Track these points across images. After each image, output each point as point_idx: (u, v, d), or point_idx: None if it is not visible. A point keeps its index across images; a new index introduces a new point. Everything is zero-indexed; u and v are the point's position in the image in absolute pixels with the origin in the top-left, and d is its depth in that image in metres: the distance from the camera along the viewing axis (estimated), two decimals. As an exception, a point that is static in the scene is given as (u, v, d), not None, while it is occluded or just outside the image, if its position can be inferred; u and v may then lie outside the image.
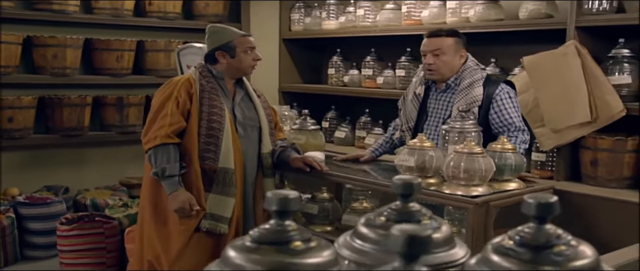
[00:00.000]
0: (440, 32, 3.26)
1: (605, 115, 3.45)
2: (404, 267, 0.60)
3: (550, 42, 3.77)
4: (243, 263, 0.72)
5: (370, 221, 0.90)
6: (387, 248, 0.83)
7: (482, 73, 3.17)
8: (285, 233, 0.76)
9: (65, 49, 4.71)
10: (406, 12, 4.80)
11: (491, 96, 3.06)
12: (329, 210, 3.20)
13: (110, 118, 5.05)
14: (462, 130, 2.69)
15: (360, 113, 5.18)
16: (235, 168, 3.03)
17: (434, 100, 3.23)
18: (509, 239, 0.77)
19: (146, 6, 5.19)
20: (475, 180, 2.46)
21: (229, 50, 3.13)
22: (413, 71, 4.80)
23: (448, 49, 3.12)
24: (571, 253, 0.75)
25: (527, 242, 0.75)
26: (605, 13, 3.56)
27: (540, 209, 0.76)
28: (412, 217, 0.88)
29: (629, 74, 3.48)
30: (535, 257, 0.73)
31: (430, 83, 3.28)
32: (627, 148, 3.40)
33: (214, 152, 3.00)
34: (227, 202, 3.01)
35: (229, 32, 3.22)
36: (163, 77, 5.25)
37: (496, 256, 0.75)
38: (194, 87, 3.06)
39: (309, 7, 5.67)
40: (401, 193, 0.89)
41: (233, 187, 3.02)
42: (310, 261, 0.73)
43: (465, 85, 3.10)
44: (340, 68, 5.43)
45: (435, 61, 3.14)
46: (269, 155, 3.19)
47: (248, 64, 3.17)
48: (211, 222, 3.00)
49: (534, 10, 3.96)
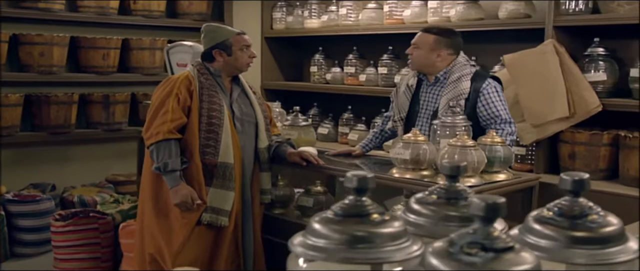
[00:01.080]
0: (430, 29, 3.40)
1: (582, 111, 3.64)
2: (483, 228, 0.72)
3: (529, 41, 3.94)
4: (329, 233, 0.84)
5: (422, 199, 1.02)
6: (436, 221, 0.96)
7: (471, 69, 3.32)
8: (364, 208, 0.87)
9: (52, 47, 4.74)
10: (388, 12, 4.93)
11: (478, 90, 3.21)
12: (323, 202, 3.32)
13: (96, 115, 5.08)
14: (454, 125, 2.83)
15: (343, 110, 5.30)
16: (235, 162, 3.12)
17: (425, 92, 3.37)
18: (547, 211, 0.90)
19: (131, 5, 5.24)
20: (468, 172, 2.60)
21: (226, 48, 3.22)
22: (395, 69, 4.96)
23: (424, 45, 3.27)
24: (602, 221, 0.88)
25: (565, 213, 0.88)
26: (581, 13, 3.75)
27: (575, 185, 0.89)
28: (460, 195, 1.01)
29: (604, 72, 3.67)
30: (573, 225, 0.87)
31: (422, 76, 3.41)
32: (602, 142, 3.59)
33: (213, 147, 3.09)
34: (227, 196, 3.10)
35: (225, 31, 3.31)
36: (148, 74, 5.32)
37: (537, 225, 0.88)
38: (194, 84, 3.14)
39: (290, 6, 5.77)
40: (449, 175, 1.02)
41: (233, 181, 3.11)
42: (387, 230, 0.85)
43: (453, 79, 3.24)
44: (322, 66, 5.54)
45: (412, 52, 3.31)
46: (265, 149, 3.29)
47: (244, 61, 3.26)
48: (212, 215, 3.08)
49: (513, 11, 4.13)
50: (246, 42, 3.28)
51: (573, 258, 0.84)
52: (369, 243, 0.83)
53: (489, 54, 4.40)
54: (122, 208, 4.00)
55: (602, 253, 0.85)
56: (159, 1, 5.34)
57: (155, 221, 3.12)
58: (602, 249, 0.85)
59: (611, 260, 0.85)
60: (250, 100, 3.34)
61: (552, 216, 0.88)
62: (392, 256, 0.83)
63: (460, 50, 3.38)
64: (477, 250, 0.71)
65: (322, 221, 0.86)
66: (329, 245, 0.83)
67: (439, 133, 2.87)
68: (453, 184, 1.02)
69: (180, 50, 4.25)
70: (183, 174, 3.05)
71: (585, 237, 0.86)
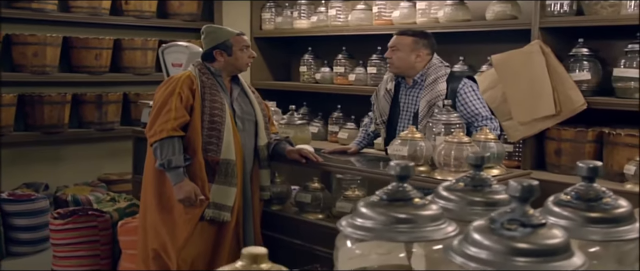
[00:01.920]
0: (407, 32, 3.51)
1: (568, 109, 3.78)
2: (520, 207, 0.83)
3: (515, 41, 4.08)
4: (376, 215, 0.93)
5: (450, 187, 1.13)
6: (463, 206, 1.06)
7: (446, 70, 3.44)
8: (406, 192, 0.98)
9: (45, 47, 4.78)
10: (377, 13, 5.04)
11: (456, 90, 3.33)
12: (321, 199, 3.42)
13: (89, 115, 5.13)
14: (448, 123, 2.95)
15: (332, 109, 5.39)
16: (236, 159, 3.21)
17: (404, 95, 3.49)
18: (565, 195, 1.01)
19: (123, 5, 5.29)
20: (463, 167, 2.72)
21: (226, 48, 3.30)
22: (384, 68, 5.07)
23: (403, 47, 3.38)
24: (614, 203, 0.99)
25: (581, 196, 0.99)
26: (566, 15, 3.89)
27: (590, 171, 1.01)
28: (484, 183, 1.11)
29: (588, 71, 3.82)
30: (588, 207, 0.98)
31: (400, 79, 3.53)
32: (587, 139, 3.73)
33: (216, 144, 3.17)
34: (229, 192, 3.19)
35: (226, 32, 3.40)
36: (140, 74, 5.38)
37: (557, 208, 0.99)
38: (196, 83, 3.22)
39: (279, 7, 5.85)
40: (475, 164, 1.12)
41: (234, 177, 3.20)
42: (427, 213, 0.95)
43: (430, 81, 3.37)
44: (311, 66, 5.63)
45: (391, 55, 3.42)
46: (264, 147, 3.38)
47: (244, 61, 3.35)
48: (215, 211, 3.17)
49: (500, 12, 4.27)
50: (246, 42, 3.37)
51: (588, 235, 0.95)
52: (412, 224, 0.93)
53: (476, 54, 4.53)
54: (119, 207, 4.06)
55: (614, 231, 0.96)
56: (151, 1, 5.40)
57: (159, 218, 3.19)
58: (614, 228, 0.96)
59: (622, 237, 0.96)
60: (250, 99, 3.43)
61: (569, 199, 0.99)
62: (432, 235, 0.93)
63: (435, 50, 3.50)
64: (516, 226, 0.82)
65: (368, 205, 0.96)
66: (376, 226, 0.93)
67: (433, 131, 2.99)
68: (478, 173, 1.13)
69: (176, 51, 4.32)
70: (186, 171, 3.13)
71: (599, 217, 0.97)
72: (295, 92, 5.71)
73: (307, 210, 3.41)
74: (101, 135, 5.24)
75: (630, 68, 3.62)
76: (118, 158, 5.36)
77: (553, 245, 0.82)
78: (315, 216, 3.39)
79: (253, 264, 0.81)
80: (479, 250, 0.82)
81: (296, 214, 3.47)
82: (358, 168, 3.34)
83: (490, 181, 1.13)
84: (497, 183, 1.13)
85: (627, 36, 3.69)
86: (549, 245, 0.81)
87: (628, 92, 3.64)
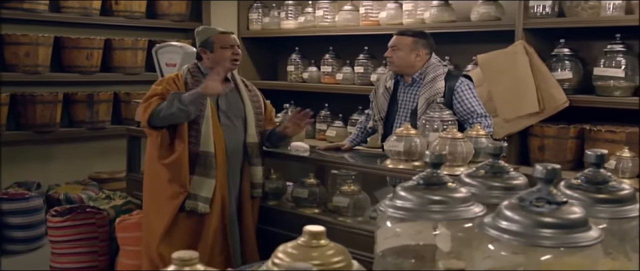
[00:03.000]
0: (406, 32, 3.64)
1: (551, 106, 3.95)
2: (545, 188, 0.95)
3: (499, 41, 4.24)
4: (414, 197, 1.06)
5: (472, 174, 1.25)
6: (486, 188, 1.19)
7: (444, 69, 3.58)
8: (440, 178, 1.10)
9: (38, 47, 4.82)
10: (364, 13, 5.17)
11: (453, 88, 3.47)
12: (317, 193, 3.53)
13: (80, 114, 5.18)
14: (441, 119, 3.09)
15: (320, 108, 5.50)
16: (216, 152, 3.31)
17: (403, 93, 3.62)
18: (576, 179, 1.14)
19: (113, 5, 5.34)
20: (457, 161, 2.86)
21: (208, 46, 3.42)
22: (371, 68, 5.20)
23: (404, 47, 3.51)
24: (619, 186, 1.13)
25: (590, 180, 1.13)
26: (548, 17, 4.06)
27: (598, 158, 1.14)
28: (503, 170, 1.25)
29: (570, 70, 4.00)
30: (597, 189, 1.11)
31: (399, 77, 3.66)
32: (569, 135, 3.91)
33: (195, 136, 3.30)
34: (207, 183, 3.29)
35: (209, 31, 3.53)
36: (130, 74, 5.44)
37: (569, 190, 1.12)
38: (180, 81, 3.37)
39: (266, 7, 5.95)
40: (494, 154, 1.25)
41: (213, 169, 3.30)
42: (458, 195, 1.08)
43: (429, 80, 3.50)
44: (299, 66, 5.73)
45: (391, 55, 3.54)
46: (255, 145, 3.47)
47: (226, 57, 3.41)
48: (193, 202, 3.28)
49: (484, 13, 4.43)
50: (229, 41, 3.43)
51: (597, 214, 1.08)
52: (445, 205, 1.06)
53: (461, 54, 4.68)
54: (115, 204, 4.13)
55: (619, 210, 1.10)
56: (140, 2, 5.46)
57: (147, 210, 3.37)
58: (619, 207, 1.10)
59: (626, 215, 1.10)
60: (242, 97, 3.52)
61: (580, 183, 1.13)
62: (463, 215, 1.06)
63: (433, 50, 3.64)
64: (544, 203, 0.94)
65: (407, 189, 1.08)
66: (415, 206, 1.05)
67: (427, 127, 3.12)
68: (496, 161, 1.26)
69: (169, 51, 4.40)
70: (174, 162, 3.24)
71: (606, 198, 1.11)
72: (283, 91, 5.81)
73: (304, 204, 3.53)
74: (92, 134, 5.29)
75: (609, 67, 3.80)
76: (109, 157, 5.42)
77: (575, 220, 0.95)
78: (311, 210, 3.50)
79: (313, 240, 0.92)
80: (510, 224, 0.95)
81: (292, 209, 3.58)
82: (355, 163, 3.46)
83: (508, 168, 1.26)
84: (513, 171, 1.26)
85: (606, 37, 3.87)
86: (571, 220, 0.94)
87: (608, 90, 3.82)
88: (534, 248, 0.93)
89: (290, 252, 0.92)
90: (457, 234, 1.13)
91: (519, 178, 1.26)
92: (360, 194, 3.39)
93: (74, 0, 5.07)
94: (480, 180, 1.22)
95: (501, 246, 0.96)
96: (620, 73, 3.75)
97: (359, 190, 3.40)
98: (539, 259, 0.94)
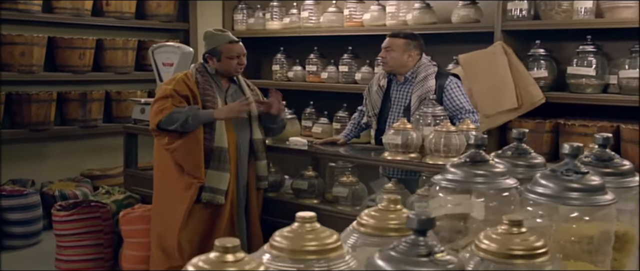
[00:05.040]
0: (398, 34, 3.89)
1: (528, 102, 4.26)
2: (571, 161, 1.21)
3: (478, 42, 4.54)
4: (461, 172, 1.30)
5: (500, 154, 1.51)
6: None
7: (434, 69, 3.84)
8: (483, 156, 1.34)
9: (32, 47, 4.93)
10: (348, 15, 5.41)
11: (443, 86, 3.74)
12: (315, 185, 3.76)
13: (73, 113, 5.30)
14: (434, 115, 3.36)
15: (305, 106, 5.71)
16: (229, 147, 3.52)
17: (395, 91, 3.87)
18: (586, 157, 1.40)
19: (103, 6, 5.47)
20: (451, 153, 3.12)
21: (216, 54, 3.60)
22: (355, 67, 5.44)
23: (397, 48, 3.75)
24: (621, 163, 1.39)
25: (598, 157, 1.39)
26: (525, 19, 4.38)
27: (604, 140, 1.40)
28: (526, 152, 1.50)
29: (545, 69, 4.32)
30: (604, 164, 1.37)
31: (391, 76, 3.91)
32: (545, 129, 4.22)
33: (209, 133, 3.49)
34: (223, 177, 3.50)
35: (218, 38, 3.65)
36: (121, 73, 5.58)
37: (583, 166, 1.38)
38: (191, 80, 3.54)
39: (250, 8, 6.13)
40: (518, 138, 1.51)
41: (227, 163, 3.51)
42: (497, 170, 1.32)
43: (421, 78, 3.76)
44: (284, 65, 5.94)
45: (385, 56, 3.79)
46: (259, 141, 3.69)
47: (232, 67, 3.62)
48: (210, 194, 3.48)
49: (464, 16, 4.72)
50: (236, 51, 3.62)
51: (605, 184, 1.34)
52: (488, 177, 1.30)
53: (442, 55, 4.94)
54: (116, 199, 4.28)
55: (622, 181, 1.36)
56: (130, 2, 5.60)
57: (160, 203, 3.55)
58: (622, 179, 1.37)
59: (628, 185, 1.36)
60: (246, 96, 3.73)
61: (590, 160, 1.39)
62: (502, 185, 1.31)
63: (423, 51, 3.90)
64: (571, 173, 1.20)
65: (456, 165, 1.32)
66: (462, 179, 1.29)
67: (421, 122, 3.38)
68: (520, 145, 1.51)
69: (166, 51, 4.57)
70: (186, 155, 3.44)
71: (612, 172, 1.37)
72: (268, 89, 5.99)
73: (303, 195, 3.75)
74: (85, 132, 5.42)
75: (581, 66, 4.12)
76: (100, 155, 5.55)
77: (595, 185, 1.20)
78: (310, 201, 3.73)
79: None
80: (546, 189, 1.20)
81: (292, 199, 3.81)
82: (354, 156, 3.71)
83: (529, 150, 1.52)
84: (533, 153, 1.52)
85: (578, 38, 4.20)
86: (593, 185, 1.20)
87: (580, 88, 4.14)
88: (564, 207, 1.18)
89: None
90: (489, 204, 1.38)
91: (538, 158, 1.52)
92: (358, 185, 3.63)
93: (66, 0, 5.18)
94: (508, 160, 1.47)
95: (538, 208, 1.21)
96: (592, 72, 4.08)
97: (356, 181, 3.64)
98: (569, 216, 1.19)
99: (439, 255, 0.88)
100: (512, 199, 1.32)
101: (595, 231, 1.25)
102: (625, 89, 3.97)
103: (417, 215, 0.90)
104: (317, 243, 1.02)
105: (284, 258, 1.02)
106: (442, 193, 1.33)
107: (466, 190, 1.34)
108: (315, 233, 1.04)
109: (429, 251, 0.88)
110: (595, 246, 1.26)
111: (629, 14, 3.94)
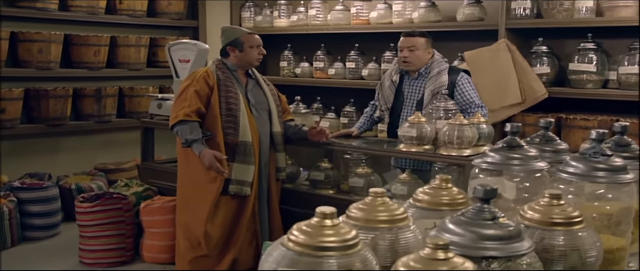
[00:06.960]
0: (414, 33, 4.05)
1: (531, 98, 4.45)
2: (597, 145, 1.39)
3: (483, 40, 4.72)
4: (499, 156, 1.48)
5: (530, 141, 1.69)
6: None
7: (446, 65, 4.02)
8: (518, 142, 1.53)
9: (50, 45, 5.07)
10: (355, 13, 5.57)
11: (455, 82, 3.91)
12: (331, 176, 3.95)
13: (88, 108, 5.45)
14: (447, 109, 3.54)
15: (313, 101, 5.87)
16: (253, 141, 3.69)
17: (408, 86, 4.04)
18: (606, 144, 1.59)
19: (117, 5, 5.62)
20: (464, 145, 3.30)
21: (238, 45, 3.77)
22: (362, 64, 5.61)
23: (421, 47, 3.93)
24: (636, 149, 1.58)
25: (618, 144, 1.58)
26: (528, 18, 4.56)
27: (622, 128, 1.59)
28: (552, 139, 1.69)
29: (548, 66, 4.51)
30: (624, 150, 1.56)
31: (404, 72, 4.08)
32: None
33: (234, 128, 3.65)
34: (248, 169, 3.67)
35: (238, 31, 3.87)
36: (133, 70, 5.73)
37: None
38: (212, 78, 3.69)
39: (258, 7, 6.29)
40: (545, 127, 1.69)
41: (252, 156, 3.67)
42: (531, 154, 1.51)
43: (434, 74, 3.93)
44: (291, 62, 6.10)
45: (410, 55, 3.93)
46: (279, 134, 3.86)
47: (254, 57, 3.81)
48: (237, 187, 3.64)
49: (469, 14, 4.90)
50: (256, 41, 3.83)
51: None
52: (523, 161, 1.49)
53: (447, 52, 5.11)
54: (136, 191, 4.44)
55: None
56: (142, 1, 5.75)
57: (186, 194, 3.70)
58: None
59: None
60: (264, 91, 3.91)
61: (611, 146, 1.58)
62: (534, 167, 1.49)
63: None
64: (599, 155, 1.38)
65: (495, 151, 1.50)
66: (501, 161, 1.48)
67: (433, 116, 3.56)
68: (547, 133, 1.70)
69: (183, 48, 4.72)
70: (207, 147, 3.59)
71: (630, 156, 1.56)
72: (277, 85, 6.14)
73: (320, 187, 3.93)
74: (99, 127, 5.57)
75: (582, 63, 4.32)
76: (113, 149, 5.70)
77: (619, 166, 1.39)
78: (327, 191, 3.92)
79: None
80: (575, 169, 1.39)
81: (309, 190, 3.98)
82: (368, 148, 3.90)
83: (556, 138, 1.70)
84: (558, 140, 1.71)
85: (579, 36, 4.39)
86: (616, 166, 1.38)
87: (581, 83, 4.34)
88: (591, 185, 1.37)
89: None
90: (523, 185, 1.56)
91: (562, 145, 1.72)
92: (373, 176, 3.81)
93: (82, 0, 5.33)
94: (537, 146, 1.66)
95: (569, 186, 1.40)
96: (592, 68, 4.27)
97: (372, 172, 3.83)
98: (595, 193, 1.38)
99: (502, 219, 1.06)
100: (544, 180, 1.50)
101: (615, 208, 1.43)
102: (624, 85, 4.17)
103: (482, 186, 1.08)
104: (388, 214, 1.20)
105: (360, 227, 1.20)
106: (483, 175, 1.51)
107: (499, 173, 1.52)
108: (386, 206, 1.22)
109: (493, 216, 1.05)
110: (614, 222, 1.45)
111: (628, 13, 4.14)
